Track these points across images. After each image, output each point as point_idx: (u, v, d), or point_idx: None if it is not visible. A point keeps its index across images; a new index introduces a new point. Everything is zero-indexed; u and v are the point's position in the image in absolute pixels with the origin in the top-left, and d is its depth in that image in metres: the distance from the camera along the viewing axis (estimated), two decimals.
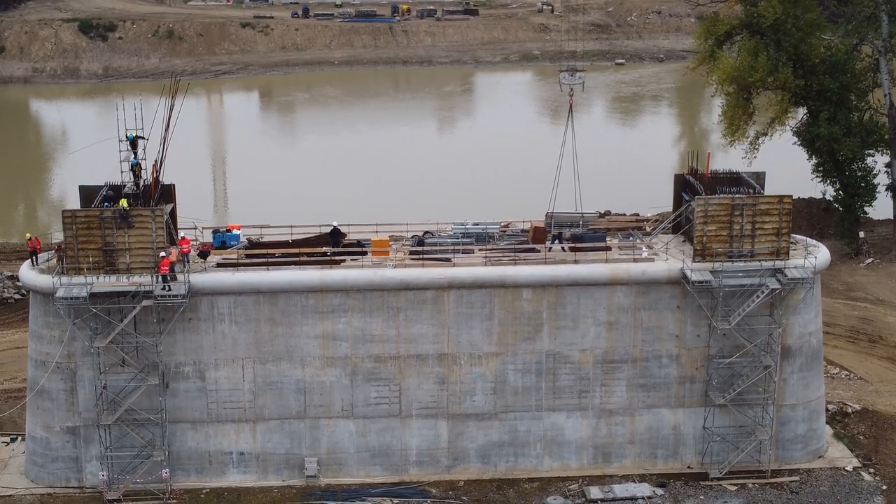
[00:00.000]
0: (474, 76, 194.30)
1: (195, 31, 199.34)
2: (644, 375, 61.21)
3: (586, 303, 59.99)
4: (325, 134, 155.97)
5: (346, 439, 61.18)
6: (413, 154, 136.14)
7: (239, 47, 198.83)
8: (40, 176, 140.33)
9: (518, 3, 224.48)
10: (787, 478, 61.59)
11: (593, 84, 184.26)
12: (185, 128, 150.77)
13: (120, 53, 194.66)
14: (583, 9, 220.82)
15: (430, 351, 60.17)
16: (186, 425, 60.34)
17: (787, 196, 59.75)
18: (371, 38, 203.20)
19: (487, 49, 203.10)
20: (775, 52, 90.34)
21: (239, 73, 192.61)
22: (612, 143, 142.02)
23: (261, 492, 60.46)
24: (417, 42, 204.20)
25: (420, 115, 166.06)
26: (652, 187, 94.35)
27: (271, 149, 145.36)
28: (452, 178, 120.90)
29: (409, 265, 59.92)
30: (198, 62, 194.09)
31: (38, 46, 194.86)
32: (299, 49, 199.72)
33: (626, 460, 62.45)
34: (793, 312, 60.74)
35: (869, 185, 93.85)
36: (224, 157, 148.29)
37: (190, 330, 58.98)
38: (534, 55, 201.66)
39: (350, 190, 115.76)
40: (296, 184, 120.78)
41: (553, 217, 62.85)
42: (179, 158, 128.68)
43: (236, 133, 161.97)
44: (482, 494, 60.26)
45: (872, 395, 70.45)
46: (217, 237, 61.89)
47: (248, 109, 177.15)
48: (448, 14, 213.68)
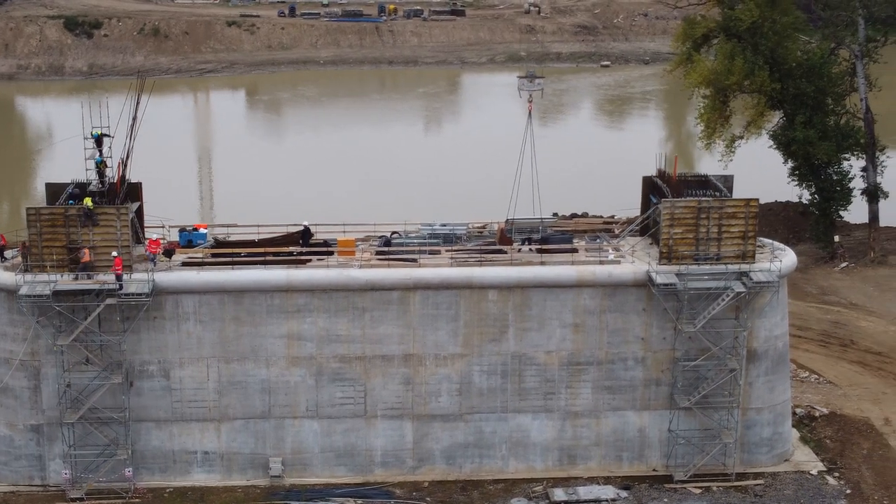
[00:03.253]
0: (459, 77, 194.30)
1: (181, 29, 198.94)
2: (610, 378, 61.19)
3: (552, 304, 59.97)
4: (307, 133, 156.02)
5: (310, 439, 61.09)
6: (395, 154, 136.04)
7: (224, 46, 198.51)
8: (23, 173, 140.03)
9: (505, 4, 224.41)
10: (752, 481, 61.64)
11: (579, 86, 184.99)
12: (171, 126, 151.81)
13: (105, 51, 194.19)
14: (570, 10, 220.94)
15: (396, 351, 60.10)
16: (151, 424, 60.21)
17: (754, 199, 59.80)
18: (357, 38, 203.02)
19: (473, 50, 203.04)
20: (752, 56, 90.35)
21: (224, 71, 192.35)
22: (593, 144, 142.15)
23: (225, 491, 60.36)
24: (403, 42, 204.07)
25: (403, 116, 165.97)
26: (631, 189, 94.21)
27: (256, 148, 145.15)
28: (434, 178, 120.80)
29: (375, 265, 59.85)
30: (183, 60, 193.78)
31: (24, 43, 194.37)
32: (285, 48, 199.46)
33: (592, 462, 62.43)
34: (759, 316, 60.76)
35: (844, 190, 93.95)
36: (210, 156, 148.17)
37: (155, 329, 58.85)
38: (520, 56, 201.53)
39: (331, 189, 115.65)
40: (279, 183, 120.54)
41: (513, 222, 62.77)
42: (164, 156, 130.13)
43: (222, 132, 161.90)
44: (446, 495, 60.22)
45: (841, 398, 70.53)
46: (184, 236, 61.77)
47: (233, 108, 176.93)
48: (435, 14, 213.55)
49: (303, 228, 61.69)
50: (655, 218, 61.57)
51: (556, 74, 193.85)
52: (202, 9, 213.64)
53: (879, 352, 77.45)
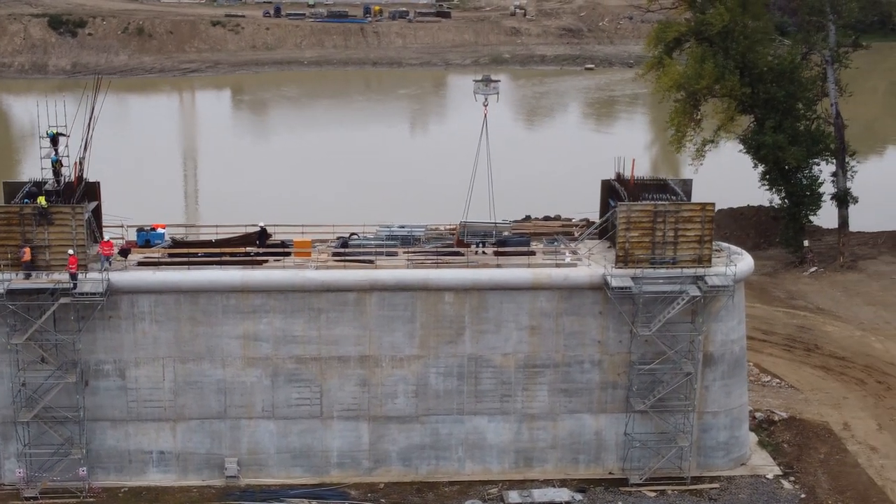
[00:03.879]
0: (444, 78, 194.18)
1: (165, 28, 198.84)
2: (566, 380, 61.27)
3: (509, 307, 60.03)
4: (285, 134, 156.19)
5: (266, 440, 61.09)
6: (376, 155, 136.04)
7: (209, 45, 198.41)
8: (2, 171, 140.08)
9: (491, 7, 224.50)
10: (708, 485, 61.73)
11: (559, 88, 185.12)
12: (153, 126, 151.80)
13: (89, 50, 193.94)
14: (556, 13, 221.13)
15: (352, 353, 60.14)
16: (106, 423, 60.17)
17: (710, 204, 59.95)
18: (342, 39, 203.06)
19: (458, 51, 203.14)
20: (723, 60, 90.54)
21: (208, 71, 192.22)
22: (567, 147, 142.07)
23: (180, 491, 60.33)
24: (388, 43, 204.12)
25: (384, 117, 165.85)
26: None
27: (238, 148, 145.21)
28: (416, 179, 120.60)
29: (331, 266, 59.88)
30: (167, 60, 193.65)
31: (7, 41, 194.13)
32: (269, 48, 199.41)
33: (548, 465, 62.49)
34: (715, 320, 60.90)
35: (814, 195, 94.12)
36: (193, 156, 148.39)
37: (110, 328, 58.83)
38: (504, 58, 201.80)
39: (310, 189, 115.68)
40: (260, 182, 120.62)
41: (466, 226, 62.83)
42: (146, 156, 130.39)
43: (203, 131, 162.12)
44: (401, 497, 60.26)
45: (801, 403, 70.69)
46: (141, 235, 61.76)
47: (218, 108, 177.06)
48: (420, 16, 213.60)
49: (259, 229, 61.67)
50: (613, 221, 61.65)
51: (538, 77, 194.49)
52: (187, 8, 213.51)
53: (843, 357, 77.64)
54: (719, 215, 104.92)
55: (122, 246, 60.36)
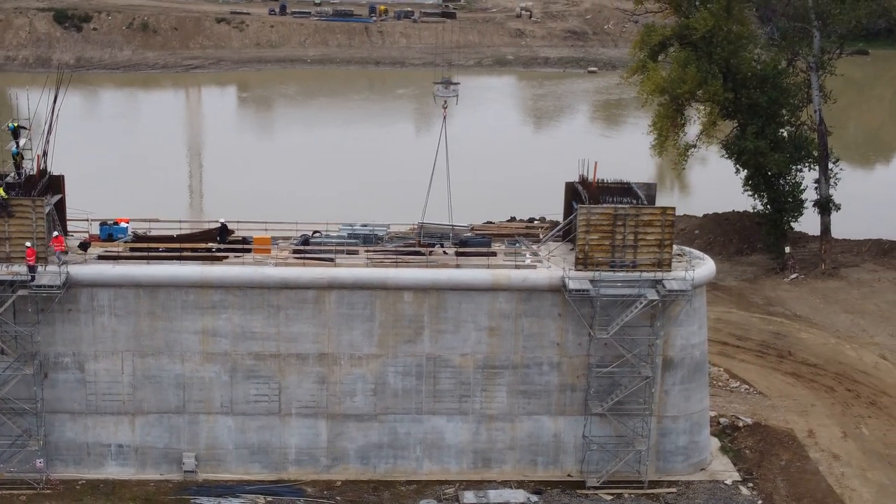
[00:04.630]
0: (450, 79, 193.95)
1: (170, 24, 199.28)
2: (525, 382, 61.28)
3: (468, 307, 60.09)
4: (279, 132, 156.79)
5: (225, 435, 61.26)
6: (367, 154, 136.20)
7: (213, 42, 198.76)
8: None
9: (497, 8, 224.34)
10: (665, 489, 61.69)
11: (557, 91, 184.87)
12: (160, 121, 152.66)
13: (93, 45, 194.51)
14: (562, 15, 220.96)
15: (311, 350, 60.27)
16: (65, 416, 60.42)
17: (671, 208, 59.90)
18: (346, 38, 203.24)
19: (461, 52, 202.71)
20: (706, 65, 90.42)
21: (210, 68, 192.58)
22: (557, 149, 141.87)
23: (137, 485, 60.54)
24: (392, 43, 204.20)
25: (379, 117, 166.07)
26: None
27: (235, 144, 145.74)
28: (404, 179, 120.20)
29: (290, 264, 60.02)
30: (170, 56, 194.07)
31: (13, 35, 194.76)
32: (273, 46, 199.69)
33: (507, 466, 62.52)
34: (675, 324, 60.83)
35: (796, 201, 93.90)
36: (198, 151, 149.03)
37: (70, 321, 59.07)
38: (507, 60, 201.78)
39: (302, 187, 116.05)
40: (254, 180, 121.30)
41: (422, 227, 62.88)
42: (154, 152, 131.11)
43: (202, 127, 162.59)
44: (357, 495, 60.37)
45: (768, 409, 70.54)
46: (104, 229, 61.93)
47: (220, 105, 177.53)
48: (425, 16, 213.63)
49: (220, 225, 61.83)
50: (576, 224, 61.61)
51: (540, 79, 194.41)
52: (192, 5, 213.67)
53: (815, 364, 77.43)
54: (704, 220, 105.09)
55: (83, 240, 60.53)
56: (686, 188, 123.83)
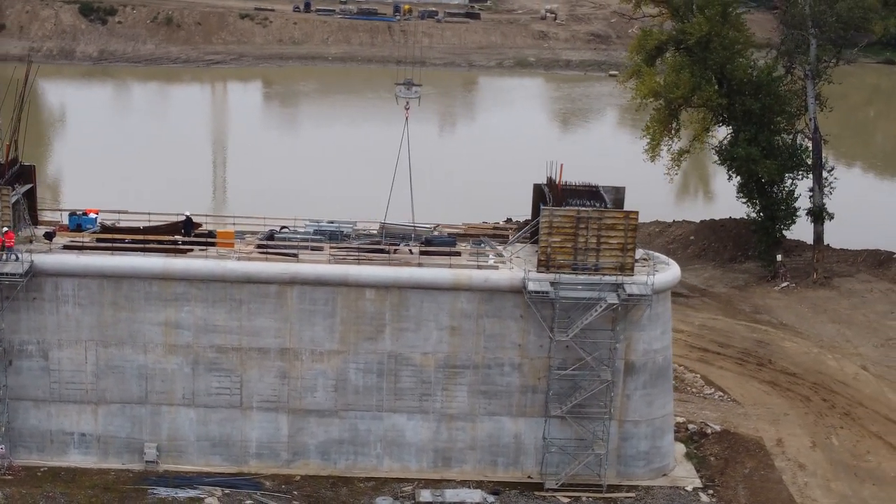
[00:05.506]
0: (476, 80, 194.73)
1: (194, 19, 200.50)
2: (486, 382, 61.35)
3: (429, 306, 60.23)
4: (294, 128, 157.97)
5: (186, 427, 61.69)
6: (378, 152, 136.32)
7: (236, 38, 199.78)
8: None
9: (523, 10, 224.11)
10: (624, 494, 61.58)
11: (572, 94, 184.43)
12: (186, 115, 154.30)
13: (117, 38, 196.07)
14: (586, 18, 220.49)
15: (272, 345, 60.60)
16: (29, 403, 61.05)
17: (634, 212, 59.76)
18: (368, 36, 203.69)
19: (483, 53, 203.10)
20: (700, 70, 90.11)
21: (232, 63, 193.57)
22: (575, 152, 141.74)
23: (97, 473, 61.06)
24: (415, 43, 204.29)
25: (392, 115, 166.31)
26: None
27: (259, 140, 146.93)
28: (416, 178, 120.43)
29: (253, 258, 60.37)
30: (193, 50, 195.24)
31: (38, 26, 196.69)
32: (296, 43, 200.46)
33: (467, 466, 62.60)
34: (637, 329, 60.72)
35: (789, 209, 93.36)
36: (224, 146, 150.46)
37: (34, 309, 59.69)
38: (528, 62, 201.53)
39: (309, 183, 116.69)
40: (262, 174, 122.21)
41: (385, 228, 63.04)
42: (178, 145, 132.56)
43: (234, 123, 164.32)
44: (314, 490, 60.64)
45: (739, 417, 70.23)
46: (73, 220, 62.56)
47: (245, 100, 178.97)
48: (449, 16, 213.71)
49: (185, 218, 62.26)
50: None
51: (559, 82, 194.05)
52: (217, 0, 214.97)
53: (794, 373, 76.99)
54: (699, 227, 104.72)
55: (48, 230, 61.20)
56: (687, 194, 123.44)
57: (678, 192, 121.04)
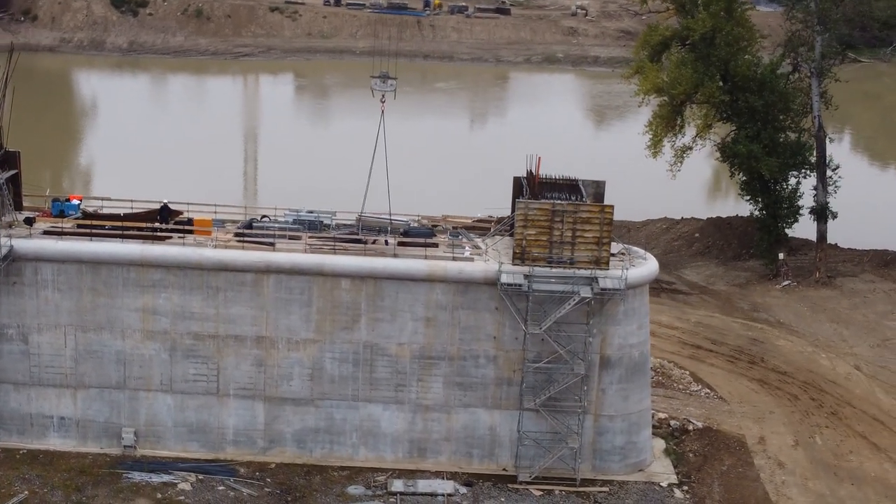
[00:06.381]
0: (506, 74, 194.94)
1: (224, 12, 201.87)
2: (461, 374, 61.48)
3: (404, 297, 60.42)
4: (318, 119, 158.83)
5: (164, 413, 62.24)
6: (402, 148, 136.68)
7: (265, 31, 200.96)
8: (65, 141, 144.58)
9: (554, 6, 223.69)
10: (596, 488, 61.50)
11: (594, 91, 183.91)
12: (219, 106, 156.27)
13: (147, 29, 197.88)
14: (617, 15, 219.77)
15: (249, 333, 61.02)
16: (9, 386, 61.81)
17: (609, 206, 59.65)
18: (397, 31, 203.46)
19: (511, 49, 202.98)
20: (703, 66, 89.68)
21: (260, 56, 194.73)
22: (597, 148, 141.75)
23: (75, 457, 61.72)
24: (443, 37, 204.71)
25: (408, 109, 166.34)
26: None
27: (292, 131, 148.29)
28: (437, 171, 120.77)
29: (230, 246, 60.80)
30: (222, 43, 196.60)
31: (70, 17, 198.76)
32: (325, 37, 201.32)
33: (442, 457, 62.75)
34: (612, 323, 60.61)
35: (792, 207, 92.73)
36: (256, 137, 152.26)
37: (14, 293, 60.43)
38: (557, 58, 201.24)
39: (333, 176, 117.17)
40: (280, 167, 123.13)
41: (361, 220, 63.23)
42: (211, 136, 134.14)
43: (266, 115, 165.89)
44: (287, 478, 61.00)
45: (724, 414, 69.91)
46: (55, 206, 63.27)
47: (276, 92, 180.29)
48: (479, 11, 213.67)
49: (161, 206, 62.79)
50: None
51: (586, 77, 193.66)
52: None
53: (785, 371, 76.50)
54: (705, 224, 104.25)
55: (33, 215, 61.96)
56: (702, 191, 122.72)
57: (694, 189, 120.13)
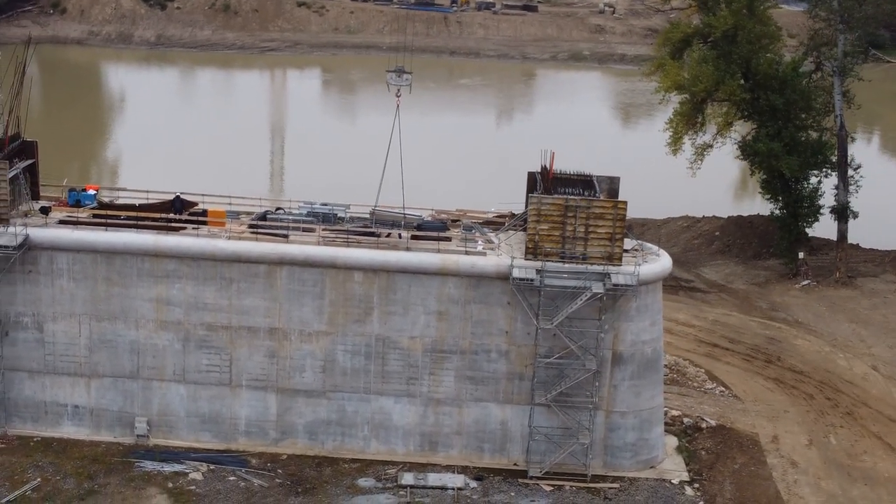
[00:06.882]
0: (533, 72, 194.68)
1: (251, 6, 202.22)
2: (473, 368, 61.50)
3: (417, 291, 60.50)
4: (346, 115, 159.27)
5: (177, 403, 62.54)
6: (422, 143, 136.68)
7: (292, 25, 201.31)
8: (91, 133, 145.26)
9: (581, 4, 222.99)
10: (607, 484, 61.40)
11: (639, 89, 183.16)
12: (248, 100, 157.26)
13: (175, 23, 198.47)
14: (645, 13, 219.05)
15: (262, 324, 61.23)
16: (24, 374, 62.26)
17: (622, 202, 59.52)
18: (424, 27, 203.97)
19: (537, 46, 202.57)
20: (724, 64, 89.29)
21: (286, 50, 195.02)
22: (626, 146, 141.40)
23: (88, 445, 62.15)
24: (469, 34, 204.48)
25: (428, 105, 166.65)
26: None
27: (320, 126, 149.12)
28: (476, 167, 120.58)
29: (244, 238, 61.01)
30: (248, 37, 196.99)
31: (98, 10, 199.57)
32: (351, 32, 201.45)
33: (454, 451, 62.80)
34: (625, 319, 60.50)
35: (812, 206, 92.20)
36: (283, 131, 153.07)
37: (30, 282, 60.86)
38: (583, 55, 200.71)
39: None
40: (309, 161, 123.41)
41: (375, 214, 63.30)
42: (238, 131, 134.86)
43: (293, 109, 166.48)
44: (298, 469, 61.22)
45: (738, 413, 69.66)
46: (72, 195, 63.60)
47: (303, 87, 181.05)
48: (506, 8, 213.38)
49: (174, 197, 63.03)
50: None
51: (612, 75, 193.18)
52: None
53: (802, 371, 76.14)
54: (726, 223, 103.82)
55: (48, 205, 62.40)
56: (726, 189, 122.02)
57: (720, 188, 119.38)
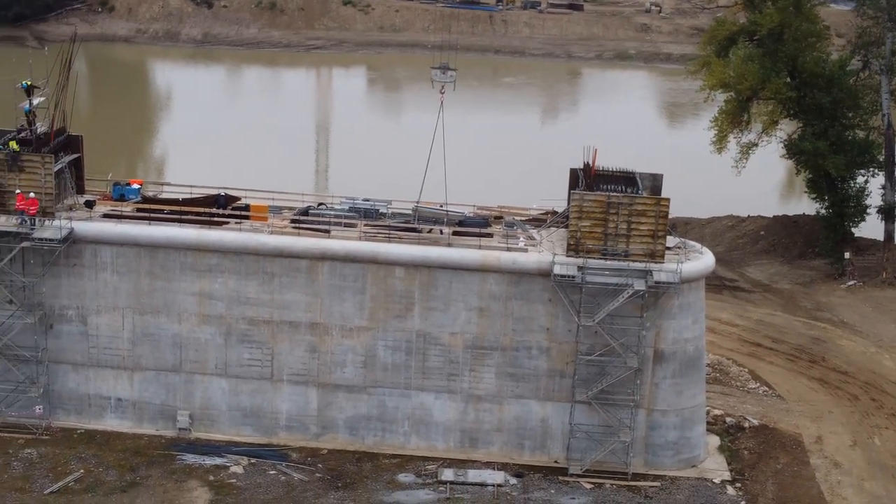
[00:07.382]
0: (578, 71, 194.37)
1: (297, 4, 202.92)
2: (513, 365, 61.39)
3: (458, 287, 60.46)
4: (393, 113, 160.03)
5: (218, 396, 62.85)
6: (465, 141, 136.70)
7: (337, 24, 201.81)
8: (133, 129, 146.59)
9: (627, 3, 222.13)
10: (648, 483, 61.10)
11: (665, 87, 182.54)
12: (295, 98, 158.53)
13: (221, 21, 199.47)
14: (692, 12, 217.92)
15: (303, 319, 61.41)
16: (68, 367, 62.78)
17: (665, 199, 59.19)
18: (469, 25, 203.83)
19: (583, 45, 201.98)
20: (770, 62, 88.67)
21: (331, 49, 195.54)
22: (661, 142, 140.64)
23: (131, 438, 62.58)
24: (514, 32, 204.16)
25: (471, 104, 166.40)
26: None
27: (365, 124, 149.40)
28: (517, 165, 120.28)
29: (286, 233, 61.22)
30: (294, 35, 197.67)
31: (146, 8, 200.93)
32: (396, 30, 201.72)
33: (494, 448, 62.72)
34: (667, 317, 60.17)
35: (859, 206, 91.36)
36: (328, 129, 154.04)
37: (74, 275, 61.37)
38: (629, 55, 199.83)
39: None
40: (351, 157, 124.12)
41: (417, 210, 63.29)
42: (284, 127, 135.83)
43: (340, 107, 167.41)
44: (339, 464, 61.34)
45: (781, 412, 69.09)
46: (116, 189, 64.12)
47: (350, 85, 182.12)
48: (551, 7, 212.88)
49: (217, 195, 63.30)
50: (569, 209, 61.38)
51: (658, 74, 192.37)
52: None
53: (846, 371, 75.38)
54: (771, 222, 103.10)
55: (93, 198, 62.93)
56: (770, 189, 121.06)
57: (767, 187, 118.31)
